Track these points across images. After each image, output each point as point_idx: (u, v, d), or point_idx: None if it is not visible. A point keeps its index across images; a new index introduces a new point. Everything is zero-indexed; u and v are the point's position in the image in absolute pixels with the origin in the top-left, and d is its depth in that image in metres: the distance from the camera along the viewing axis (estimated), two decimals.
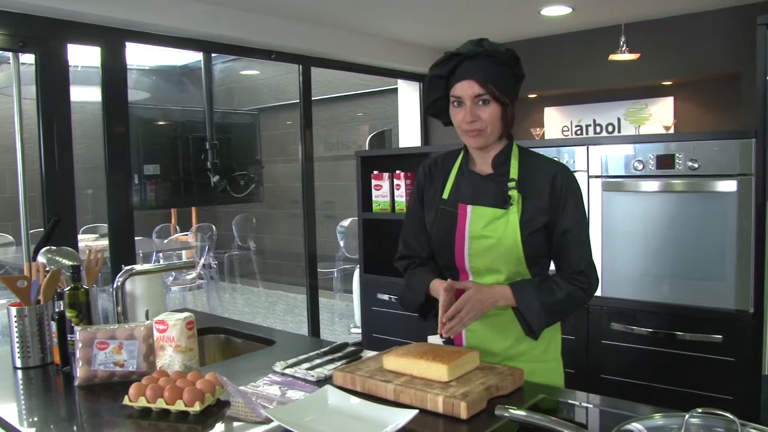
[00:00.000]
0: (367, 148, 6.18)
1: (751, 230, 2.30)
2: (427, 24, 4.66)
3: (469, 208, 1.69)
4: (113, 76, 3.40)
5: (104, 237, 4.80)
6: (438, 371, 1.55)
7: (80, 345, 1.72)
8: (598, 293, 2.71)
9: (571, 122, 5.57)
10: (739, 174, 2.35)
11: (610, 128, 5.31)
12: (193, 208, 7.59)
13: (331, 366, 1.80)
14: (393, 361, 1.64)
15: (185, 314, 1.75)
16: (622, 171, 2.61)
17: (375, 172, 3.52)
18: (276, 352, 2.10)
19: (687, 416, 1.02)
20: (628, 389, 2.57)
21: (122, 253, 3.24)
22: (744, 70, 3.98)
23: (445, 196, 1.75)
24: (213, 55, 4.80)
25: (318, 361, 1.86)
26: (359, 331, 5.74)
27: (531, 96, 5.66)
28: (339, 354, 1.92)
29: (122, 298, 1.89)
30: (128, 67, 3.44)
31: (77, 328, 1.75)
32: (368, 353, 1.91)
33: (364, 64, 5.09)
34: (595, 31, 4.67)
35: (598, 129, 5.39)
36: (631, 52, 3.65)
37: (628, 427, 1.06)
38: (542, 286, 1.63)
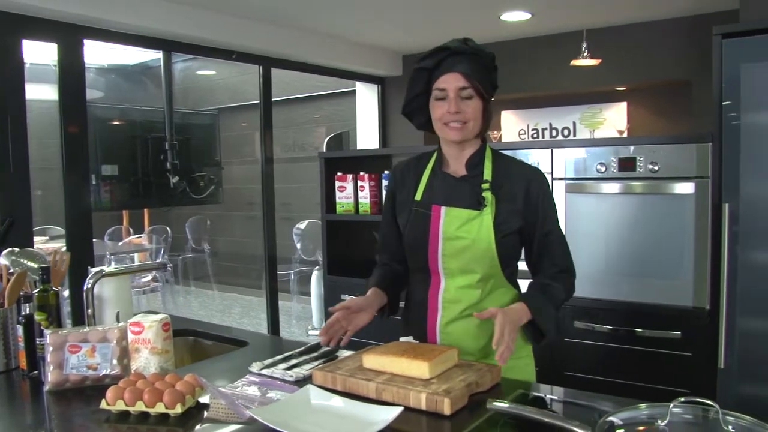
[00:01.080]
0: (324, 150, 6.18)
1: (708, 230, 2.41)
2: (388, 27, 4.70)
3: (443, 209, 1.71)
4: (71, 74, 3.31)
5: (55, 239, 4.66)
6: (419, 368, 1.57)
7: (51, 349, 1.67)
8: None
9: (528, 125, 5.70)
10: (696, 177, 2.45)
11: (566, 132, 5.46)
12: (146, 210, 7.43)
13: (308, 366, 1.80)
14: (373, 359, 1.65)
15: (160, 316, 1.72)
16: (585, 173, 2.69)
17: (339, 173, 3.52)
18: (249, 354, 2.09)
19: (671, 405, 1.06)
20: (591, 385, 2.65)
21: (81, 255, 3.14)
22: (695, 78, 4.16)
23: (418, 197, 1.76)
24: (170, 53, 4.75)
25: (294, 361, 1.85)
26: (318, 332, 5.74)
27: None
28: (315, 354, 1.93)
29: (92, 300, 1.84)
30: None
31: (47, 332, 1.70)
32: (344, 353, 1.92)
33: (324, 66, 5.09)
34: (553, 36, 4.79)
35: (554, 132, 5.54)
36: (592, 58, 3.76)
37: (613, 418, 1.10)
38: (547, 293, 1.68)
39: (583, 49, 3.60)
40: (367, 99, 5.98)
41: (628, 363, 2.61)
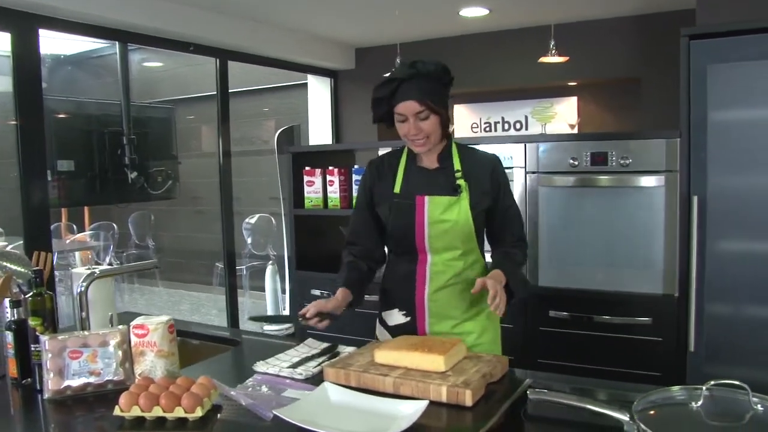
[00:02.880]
0: (275, 145, 6.10)
1: (677, 221, 2.54)
2: (343, 20, 4.68)
3: (426, 198, 1.93)
4: (25, 64, 3.14)
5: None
6: (434, 362, 1.60)
7: (50, 355, 1.61)
8: (536, 283, 2.88)
9: (480, 119, 5.81)
10: (666, 170, 2.58)
11: (518, 125, 5.60)
12: (85, 207, 7.13)
13: (313, 363, 1.80)
14: (385, 354, 1.67)
15: (165, 317, 1.68)
16: (559, 167, 2.78)
17: (307, 168, 3.50)
18: (246, 353, 2.07)
19: (704, 388, 1.13)
20: (565, 371, 2.74)
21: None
22: (644, 75, 4.35)
23: (397, 190, 1.98)
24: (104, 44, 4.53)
25: (297, 359, 1.85)
26: (273, 328, 5.69)
27: None
28: (316, 351, 1.93)
29: (86, 303, 1.78)
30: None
31: (43, 338, 1.63)
32: (345, 349, 1.93)
33: (278, 59, 5.02)
34: (509, 32, 4.89)
35: (506, 126, 5.67)
36: (559, 55, 3.87)
37: (647, 401, 1.17)
38: (511, 259, 1.94)
39: (551, 47, 3.70)
40: (319, 92, 5.93)
41: (601, 349, 2.73)
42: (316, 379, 1.69)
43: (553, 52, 3.69)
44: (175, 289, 7.49)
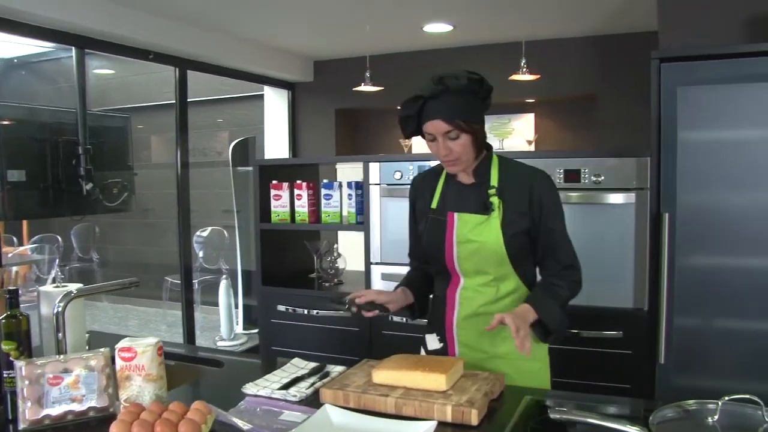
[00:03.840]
0: (230, 157, 5.99)
1: (647, 238, 2.61)
2: (304, 32, 4.66)
3: (456, 215, 1.82)
4: None
5: None
6: (436, 381, 1.58)
7: (27, 382, 1.51)
8: None
9: None
10: (636, 188, 2.65)
11: None
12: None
13: (303, 384, 1.75)
14: (384, 374, 1.64)
15: (153, 339, 1.60)
16: None
17: (274, 181, 3.43)
18: (231, 374, 1.99)
19: (719, 402, 1.16)
20: None
21: None
22: (599, 93, 4.49)
23: (434, 206, 1.88)
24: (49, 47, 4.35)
25: (286, 380, 1.80)
26: (227, 343, 5.55)
27: (399, 108, 5.86)
28: (305, 371, 1.88)
29: (63, 324, 1.67)
30: None
31: (18, 363, 1.52)
32: (334, 368, 1.88)
33: (237, 69, 4.94)
34: (471, 48, 4.96)
35: None
36: (531, 73, 3.94)
37: (666, 412, 1.18)
38: (549, 291, 1.78)
39: (522, 64, 3.77)
40: (276, 105, 5.87)
41: (573, 363, 2.76)
42: (310, 401, 1.64)
43: (524, 69, 3.76)
44: (121, 305, 7.21)
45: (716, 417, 1.16)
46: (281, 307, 3.45)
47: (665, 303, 2.51)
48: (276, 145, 5.85)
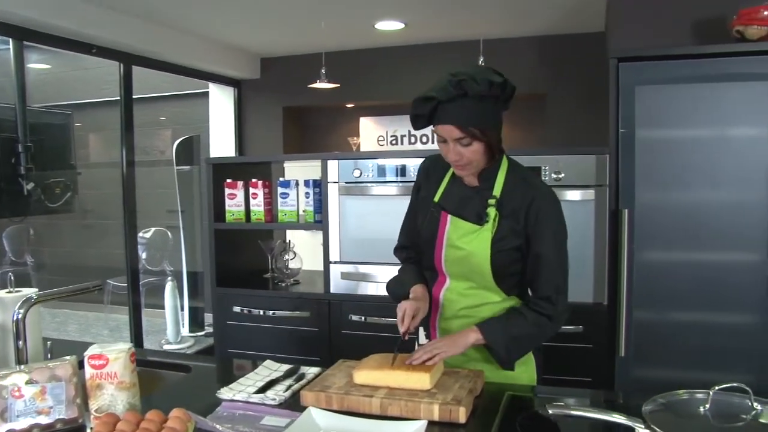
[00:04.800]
0: (173, 155, 5.81)
1: (606, 233, 2.68)
2: (251, 28, 4.56)
3: (449, 218, 1.76)
4: None
5: None
6: (420, 380, 1.56)
7: None
8: None
9: (387, 132, 5.86)
10: (596, 185, 2.72)
11: (424, 139, 5.70)
12: None
13: (280, 387, 1.70)
14: (365, 375, 1.61)
15: (125, 345, 1.52)
16: None
17: (228, 180, 3.34)
18: (200, 379, 1.92)
19: (711, 392, 1.19)
20: None
21: None
22: (549, 92, 4.58)
23: (436, 199, 1.80)
24: None
25: (261, 383, 1.74)
26: (174, 347, 5.38)
27: (348, 106, 5.83)
28: (279, 374, 1.83)
29: (24, 332, 1.57)
30: None
31: None
32: (308, 369, 1.84)
33: (182, 65, 4.78)
34: (423, 46, 4.97)
35: (413, 139, 5.76)
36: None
37: (658, 402, 1.21)
38: (509, 319, 1.69)
39: (480, 63, 3.80)
40: (221, 102, 5.72)
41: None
42: (290, 404, 1.60)
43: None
44: (59, 309, 6.87)
45: (707, 406, 1.18)
46: (236, 309, 3.37)
47: (625, 297, 2.59)
48: (222, 144, 5.70)
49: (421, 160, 2.92)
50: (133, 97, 4.17)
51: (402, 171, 3.01)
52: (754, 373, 2.53)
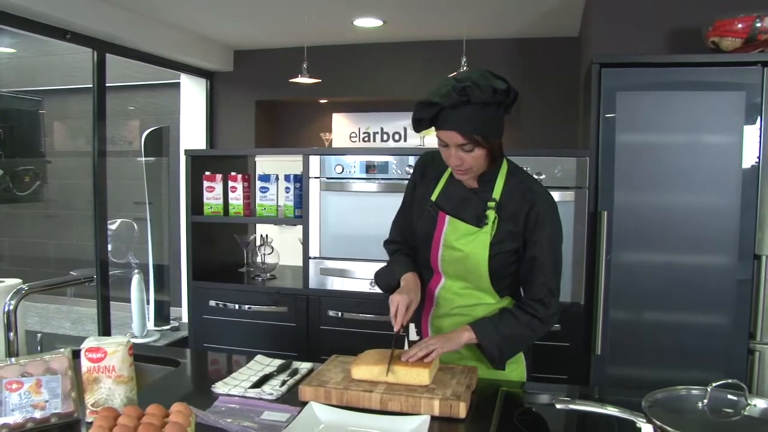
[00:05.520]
0: (142, 146, 5.69)
1: (585, 235, 2.75)
2: (230, 21, 4.50)
3: (447, 218, 1.76)
4: None
5: None
6: (419, 376, 1.58)
7: None
8: None
9: (359, 129, 5.86)
10: (575, 186, 2.78)
11: (396, 136, 5.73)
12: None
13: (275, 382, 1.70)
14: (363, 370, 1.62)
15: (123, 338, 1.50)
16: None
17: (207, 173, 3.30)
18: (188, 373, 1.90)
19: (708, 389, 1.24)
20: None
21: None
22: (524, 94, 4.64)
23: (434, 198, 1.80)
24: None
25: (255, 378, 1.74)
26: (140, 341, 5.28)
27: (322, 101, 5.81)
28: (272, 368, 1.82)
29: (15, 324, 1.53)
30: None
31: None
32: (300, 364, 1.84)
33: (154, 54, 4.68)
34: (399, 44, 4.99)
35: (385, 137, 5.77)
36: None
37: (657, 397, 1.26)
38: (501, 320, 1.71)
39: (462, 63, 3.83)
40: (192, 94, 5.63)
41: None
42: (287, 399, 1.60)
43: (465, 67, 3.83)
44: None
45: (705, 401, 1.24)
46: (212, 303, 3.33)
47: (602, 297, 2.66)
48: (192, 136, 5.61)
49: (401, 157, 3.00)
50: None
51: (384, 168, 3.02)
52: (719, 370, 2.63)
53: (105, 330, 4.14)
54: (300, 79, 4.13)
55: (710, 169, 2.59)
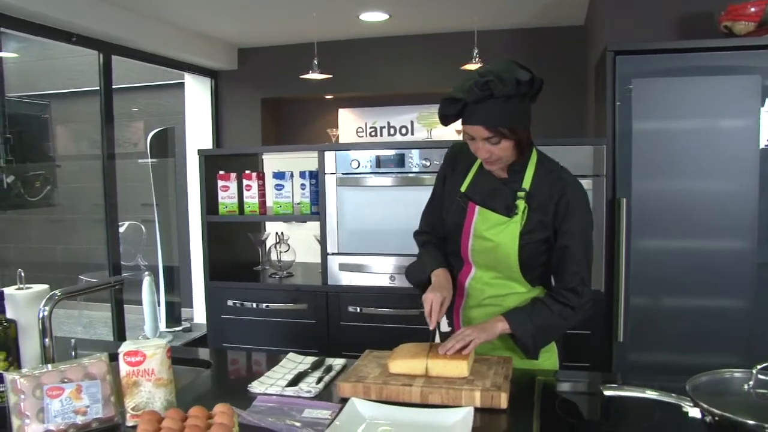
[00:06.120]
0: (147, 147, 5.68)
1: (603, 222, 2.75)
2: (234, 19, 4.49)
3: (477, 208, 1.77)
4: None
5: None
6: (457, 368, 1.59)
7: (23, 396, 1.36)
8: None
9: (366, 123, 5.85)
10: (593, 174, 2.77)
11: (403, 130, 5.71)
12: None
13: (311, 379, 1.70)
14: (401, 364, 1.63)
15: (161, 340, 1.50)
16: None
17: (221, 172, 3.29)
18: (223, 373, 1.90)
19: (755, 371, 1.24)
20: None
21: None
22: None
23: (463, 189, 1.81)
24: None
25: (290, 376, 1.74)
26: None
27: (327, 97, 5.80)
28: (306, 366, 1.82)
29: (50, 330, 1.53)
30: None
31: (10, 375, 1.38)
32: (334, 361, 1.84)
33: (160, 55, 4.67)
34: (405, 37, 4.97)
35: (392, 131, 5.76)
36: (482, 62, 3.96)
37: (701, 380, 1.26)
38: (534, 310, 1.71)
39: (474, 54, 3.81)
40: (197, 93, 5.61)
41: None
42: (325, 395, 1.60)
43: (476, 59, 3.82)
44: None
45: (751, 383, 1.24)
46: (230, 302, 3.33)
47: (623, 285, 2.66)
48: (198, 136, 5.60)
49: (417, 150, 3.00)
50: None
51: (400, 161, 3.02)
52: (741, 354, 2.63)
53: (120, 333, 4.15)
54: (311, 75, 4.11)
55: (727, 154, 2.59)
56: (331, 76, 4.45)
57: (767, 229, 2.57)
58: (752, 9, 2.68)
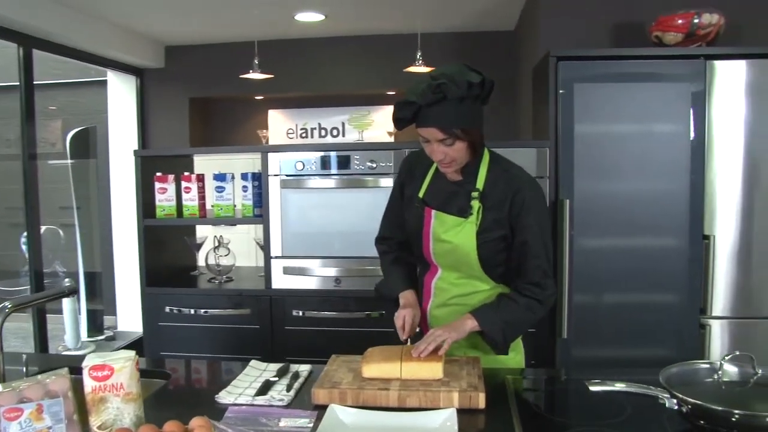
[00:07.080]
0: (67, 148, 5.37)
1: None
2: (162, 15, 4.32)
3: (433, 213, 1.80)
4: None
5: None
6: (432, 370, 1.59)
7: None
8: None
9: (297, 125, 5.79)
10: (537, 176, 2.84)
11: (335, 132, 5.69)
12: None
13: (280, 387, 1.66)
14: (374, 368, 1.62)
15: (128, 352, 1.42)
16: None
17: (158, 174, 3.16)
18: (185, 384, 1.82)
19: (721, 361, 1.32)
20: None
21: None
22: None
23: (421, 194, 1.84)
24: None
25: (257, 384, 1.69)
26: (74, 353, 4.99)
27: (258, 98, 5.69)
28: (271, 373, 1.78)
29: (1, 344, 1.42)
30: None
31: None
32: (298, 367, 1.81)
33: (85, 51, 4.42)
34: (338, 39, 4.95)
35: (323, 132, 5.73)
36: (425, 65, 3.97)
37: (672, 371, 1.33)
38: (501, 305, 1.75)
39: (417, 57, 3.83)
40: (121, 92, 5.35)
41: None
42: (299, 403, 1.57)
43: (420, 62, 3.84)
44: None
45: (720, 373, 1.31)
46: (167, 309, 3.20)
47: (567, 283, 2.75)
48: (122, 136, 5.34)
49: (362, 152, 2.98)
50: (14, 84, 3.77)
51: (346, 163, 3.00)
52: (674, 347, 2.79)
53: (42, 345, 3.90)
54: (252, 75, 4.02)
55: (661, 157, 2.74)
56: (272, 75, 4.36)
57: (696, 227, 2.73)
58: (679, 21, 2.85)
